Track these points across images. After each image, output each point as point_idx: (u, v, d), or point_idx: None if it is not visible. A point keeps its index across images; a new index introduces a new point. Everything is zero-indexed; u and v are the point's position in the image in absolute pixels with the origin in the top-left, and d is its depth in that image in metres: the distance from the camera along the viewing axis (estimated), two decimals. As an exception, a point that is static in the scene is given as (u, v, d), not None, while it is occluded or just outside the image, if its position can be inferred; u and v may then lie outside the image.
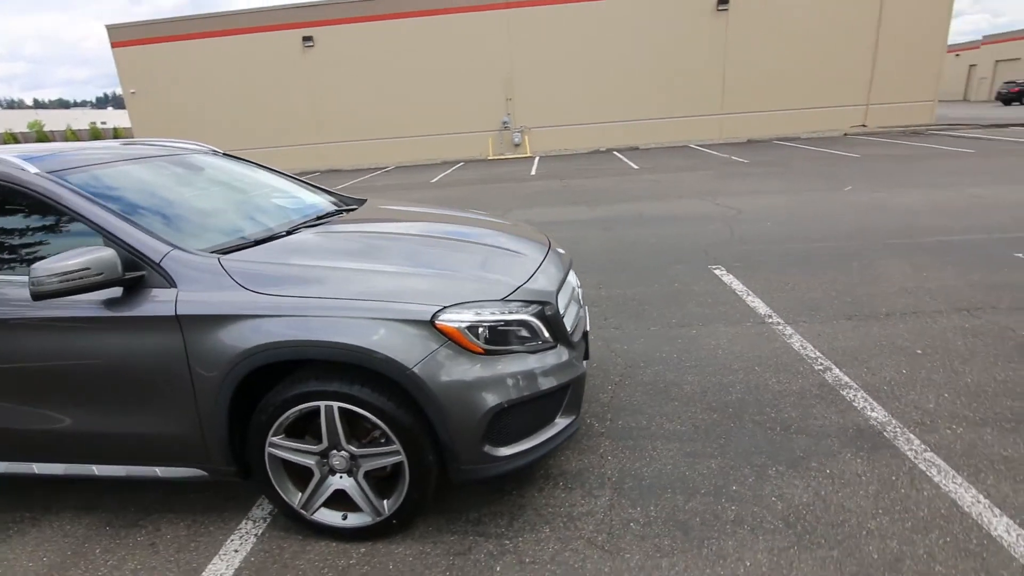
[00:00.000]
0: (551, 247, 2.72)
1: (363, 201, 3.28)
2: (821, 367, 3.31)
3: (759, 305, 4.35)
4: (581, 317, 2.60)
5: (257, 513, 2.37)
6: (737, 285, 4.83)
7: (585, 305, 2.88)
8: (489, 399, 1.96)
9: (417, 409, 1.98)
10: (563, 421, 2.22)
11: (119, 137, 46.80)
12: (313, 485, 2.11)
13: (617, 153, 18.15)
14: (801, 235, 6.39)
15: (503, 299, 2.08)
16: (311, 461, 2.08)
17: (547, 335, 2.15)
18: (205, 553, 2.16)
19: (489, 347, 2.00)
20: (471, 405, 1.94)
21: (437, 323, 1.93)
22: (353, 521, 2.13)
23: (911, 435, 2.61)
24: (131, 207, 2.22)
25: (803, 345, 3.61)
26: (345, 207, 3.11)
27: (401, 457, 2.00)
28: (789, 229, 6.72)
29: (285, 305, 1.92)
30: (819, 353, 3.48)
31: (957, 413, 2.77)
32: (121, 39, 19.82)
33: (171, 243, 2.06)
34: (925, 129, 18.44)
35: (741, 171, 12.04)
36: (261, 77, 19.93)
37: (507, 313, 2.05)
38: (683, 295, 4.70)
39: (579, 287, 2.81)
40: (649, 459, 2.55)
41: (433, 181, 14.62)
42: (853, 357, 3.41)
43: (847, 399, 2.95)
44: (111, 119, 74.29)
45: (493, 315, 2.02)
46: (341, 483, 2.10)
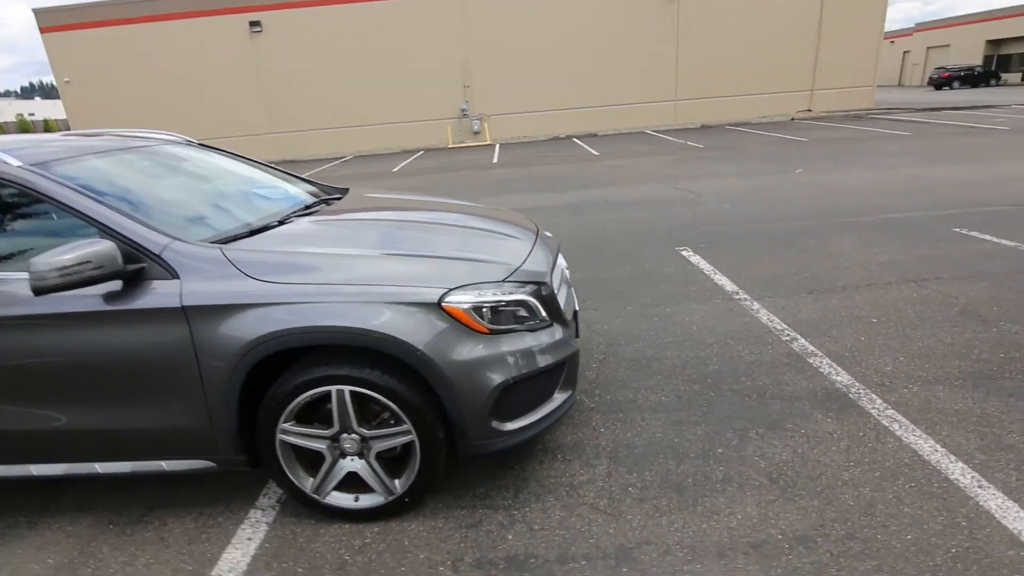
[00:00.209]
0: (539, 231, 2.81)
1: (346, 190, 3.29)
2: (788, 338, 3.54)
3: (726, 283, 4.58)
4: (570, 297, 2.71)
5: (264, 502, 2.39)
6: (704, 265, 5.06)
7: (572, 286, 2.99)
8: (496, 376, 2.05)
9: (426, 389, 2.05)
10: (561, 396, 2.34)
11: (51, 130, 43.87)
12: (325, 469, 2.15)
13: (576, 140, 18.36)
14: (758, 216, 6.69)
15: (503, 280, 2.16)
16: (322, 445, 2.12)
17: (544, 314, 2.24)
18: (218, 543, 2.18)
19: (492, 327, 2.08)
20: (479, 382, 2.03)
21: (444, 305, 2.00)
22: (365, 502, 2.19)
23: (873, 395, 2.85)
24: (121, 199, 2.18)
25: (770, 318, 3.84)
26: (330, 196, 3.11)
27: (412, 436, 2.07)
28: (747, 211, 7.03)
29: (295, 292, 1.95)
30: (785, 325, 3.72)
31: (912, 374, 3.03)
32: (51, 24, 18.61)
33: (169, 234, 2.05)
34: (866, 113, 19.39)
35: (697, 156, 12.42)
36: (207, 64, 19.12)
37: (507, 294, 2.14)
38: (654, 276, 4.88)
39: (567, 269, 2.92)
40: (639, 429, 2.70)
41: (395, 170, 14.46)
42: (816, 328, 3.66)
43: (814, 366, 3.18)
44: (40, 110, 69.38)
45: (495, 296, 2.10)
46: (352, 465, 2.15)
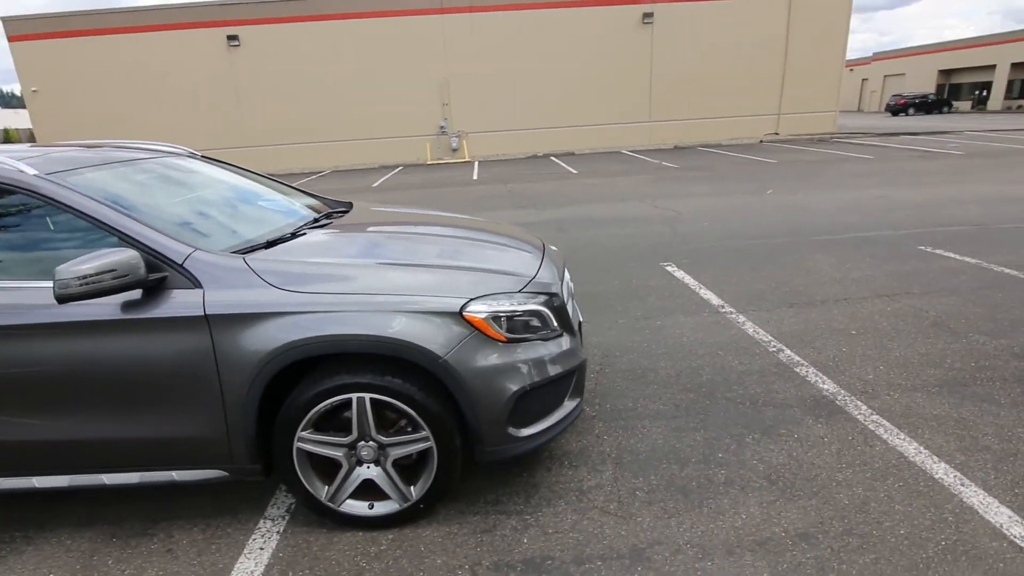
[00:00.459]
0: (545, 246, 2.90)
1: (350, 204, 3.33)
2: (774, 349, 3.69)
3: (712, 297, 4.74)
4: (575, 309, 2.80)
5: (274, 512, 2.39)
6: (689, 280, 5.23)
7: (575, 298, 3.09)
8: (513, 383, 2.12)
9: (445, 396, 2.10)
10: (570, 404, 2.41)
11: (11, 140, 42.40)
12: (341, 477, 2.17)
13: (554, 158, 18.67)
14: (736, 233, 6.94)
15: (518, 291, 2.24)
16: (339, 453, 2.14)
17: (555, 324, 2.32)
18: (228, 554, 2.17)
19: (509, 335, 2.15)
20: (497, 390, 2.09)
21: (465, 314, 2.07)
22: (380, 509, 2.21)
23: (859, 402, 3.00)
24: (137, 209, 2.19)
25: (756, 331, 4.00)
26: (336, 209, 3.16)
27: (430, 443, 2.11)
28: (725, 228, 7.28)
29: (319, 302, 1.99)
30: (771, 337, 3.88)
31: (892, 382, 3.20)
32: (20, 33, 18.19)
33: (191, 244, 2.07)
34: (829, 137, 20.26)
35: (672, 175, 12.78)
36: (182, 77, 18.90)
37: (522, 304, 2.21)
38: (642, 290, 5.03)
39: (571, 282, 3.01)
40: (641, 436, 2.79)
41: (375, 185, 14.46)
42: (800, 339, 3.83)
43: (801, 375, 3.33)
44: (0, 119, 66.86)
45: (511, 305, 2.18)
46: (368, 473, 2.18)
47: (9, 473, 2.15)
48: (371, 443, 2.14)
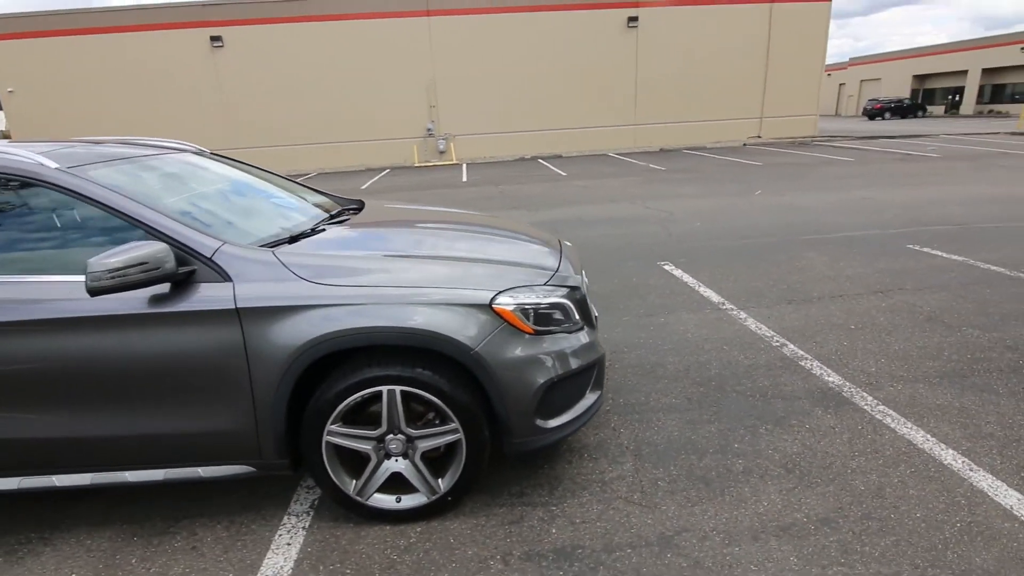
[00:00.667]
0: (560, 241, 2.94)
1: (361, 202, 3.33)
2: (778, 343, 3.77)
3: (711, 294, 4.82)
4: (591, 304, 2.83)
5: (297, 507, 2.38)
6: (687, 278, 5.31)
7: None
8: (541, 375, 2.14)
9: (474, 388, 2.12)
10: (592, 396, 2.44)
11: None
12: (369, 470, 2.17)
13: (542, 160, 18.76)
14: (728, 233, 7.06)
15: (544, 284, 2.27)
16: (368, 446, 2.15)
17: (577, 317, 2.36)
18: (255, 550, 2.16)
19: (536, 328, 2.18)
20: (526, 381, 2.12)
21: (494, 306, 2.09)
22: (408, 502, 2.22)
23: (864, 393, 3.08)
24: (159, 203, 2.18)
25: (758, 326, 4.08)
26: (349, 207, 3.16)
27: (459, 435, 2.13)
28: (717, 228, 7.40)
29: (351, 295, 2.00)
30: (773, 332, 3.96)
31: (894, 374, 3.29)
32: (-5, 32, 17.76)
33: (218, 237, 2.06)
34: (810, 140, 20.67)
35: (661, 177, 12.93)
36: (164, 78, 18.61)
37: (547, 296, 2.24)
38: (642, 288, 5.09)
39: (585, 277, 3.05)
40: (657, 429, 2.84)
41: (363, 188, 14.38)
42: (801, 334, 3.91)
43: (806, 368, 3.41)
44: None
45: (537, 298, 2.21)
46: (397, 466, 2.18)
47: (32, 472, 2.11)
48: (400, 436, 2.15)
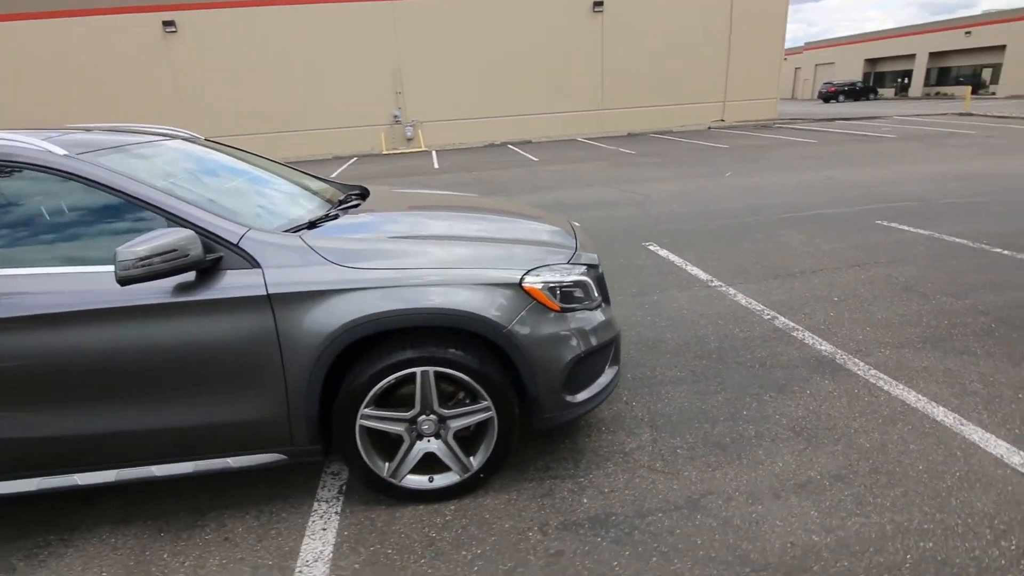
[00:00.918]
0: (571, 223, 2.98)
1: (364, 186, 3.30)
2: (769, 316, 3.93)
3: (699, 272, 4.96)
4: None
5: (325, 494, 2.38)
6: (674, 257, 5.44)
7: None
8: (569, 351, 2.20)
9: (505, 365, 2.16)
10: (611, 371, 2.52)
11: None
12: (403, 452, 2.20)
13: (512, 146, 18.71)
14: (706, 214, 7.24)
15: (567, 263, 2.32)
16: (401, 428, 2.17)
17: (596, 294, 2.42)
18: (291, 537, 2.16)
19: (563, 305, 2.23)
20: (556, 357, 2.17)
21: (524, 285, 2.13)
22: (441, 482, 2.25)
23: (856, 359, 3.25)
24: (178, 189, 2.12)
25: (748, 301, 4.23)
26: (353, 192, 3.12)
27: (491, 413, 2.17)
28: (694, 209, 7.57)
29: (384, 278, 2.00)
30: (763, 306, 4.12)
31: (880, 340, 3.48)
32: (-78, 16, 16.53)
33: (243, 223, 2.03)
34: (772, 123, 21.22)
35: (631, 161, 13.10)
36: (115, 66, 17.72)
37: (571, 275, 2.29)
38: (632, 268, 5.20)
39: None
40: (668, 400, 2.94)
41: (333, 176, 14.09)
42: (790, 307, 4.08)
43: (798, 338, 3.57)
44: None
45: (562, 276, 2.25)
46: (429, 446, 2.21)
47: (57, 471, 2.05)
48: (432, 416, 2.17)
